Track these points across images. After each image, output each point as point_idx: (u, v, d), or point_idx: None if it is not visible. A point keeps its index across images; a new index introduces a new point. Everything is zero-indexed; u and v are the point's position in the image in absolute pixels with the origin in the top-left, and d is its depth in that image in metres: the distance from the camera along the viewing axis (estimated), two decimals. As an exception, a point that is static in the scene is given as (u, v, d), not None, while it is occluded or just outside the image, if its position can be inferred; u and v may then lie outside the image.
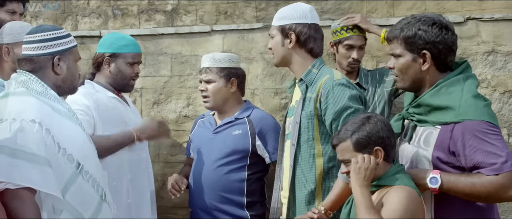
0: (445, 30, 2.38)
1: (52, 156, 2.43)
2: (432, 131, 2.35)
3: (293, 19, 2.90)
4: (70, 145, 2.51)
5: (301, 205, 2.83)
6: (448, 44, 2.38)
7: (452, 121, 2.29)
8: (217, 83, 3.40)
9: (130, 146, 3.22)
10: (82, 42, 4.24)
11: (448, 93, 2.35)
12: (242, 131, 3.35)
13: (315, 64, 2.90)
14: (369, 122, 2.32)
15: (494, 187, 2.24)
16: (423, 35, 2.36)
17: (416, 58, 2.39)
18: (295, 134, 2.84)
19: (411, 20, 2.41)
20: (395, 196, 2.22)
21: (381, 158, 2.31)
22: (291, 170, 2.85)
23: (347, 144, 2.32)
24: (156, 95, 4.12)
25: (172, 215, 4.04)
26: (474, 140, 2.25)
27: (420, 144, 2.39)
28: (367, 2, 4.01)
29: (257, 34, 3.96)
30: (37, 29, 2.63)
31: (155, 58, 4.12)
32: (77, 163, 2.51)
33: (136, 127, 3.26)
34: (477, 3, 3.84)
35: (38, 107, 2.46)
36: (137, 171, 3.40)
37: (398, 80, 2.48)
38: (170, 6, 4.32)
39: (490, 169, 2.24)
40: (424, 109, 2.40)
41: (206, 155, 3.39)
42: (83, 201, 2.53)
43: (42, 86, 2.56)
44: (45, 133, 2.42)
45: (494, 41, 3.61)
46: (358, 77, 3.57)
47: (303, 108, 2.83)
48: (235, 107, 3.46)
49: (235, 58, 3.50)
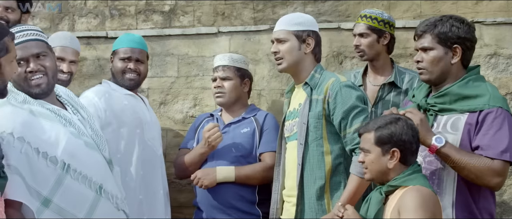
0: (471, 29, 2.64)
1: (30, 162, 2.45)
2: (460, 117, 2.58)
3: (308, 26, 3.08)
4: (52, 147, 2.52)
5: (311, 200, 2.95)
6: (473, 42, 2.66)
7: (481, 108, 2.53)
8: (234, 81, 3.54)
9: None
10: (88, 43, 4.28)
11: (475, 86, 2.59)
12: (250, 129, 3.47)
13: (317, 69, 3.07)
14: (397, 123, 2.42)
15: (485, 169, 2.47)
16: (456, 31, 2.60)
17: (448, 52, 2.62)
18: (302, 134, 2.97)
19: (443, 18, 2.65)
20: (411, 197, 2.30)
21: (396, 160, 2.40)
22: (299, 168, 2.97)
23: (370, 136, 2.45)
24: (163, 96, 4.17)
25: (178, 214, 4.08)
26: (491, 124, 2.49)
27: (447, 129, 2.59)
28: (363, 4, 4.09)
29: (264, 35, 4.02)
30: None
31: (162, 59, 4.17)
32: (62, 164, 2.53)
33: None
34: (471, 6, 3.94)
35: (12, 116, 2.48)
36: (150, 168, 3.45)
37: (424, 73, 2.67)
38: (168, 6, 4.37)
39: (488, 152, 2.47)
40: (450, 99, 2.61)
41: (216, 153, 3.46)
42: (74, 200, 2.54)
43: (20, 95, 2.57)
44: (17, 142, 2.44)
45: (496, 44, 3.69)
46: (393, 76, 3.47)
47: (310, 109, 2.97)
48: (242, 108, 3.60)
49: (248, 61, 3.69)
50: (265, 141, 3.42)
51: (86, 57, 4.27)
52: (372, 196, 2.51)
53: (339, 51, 3.95)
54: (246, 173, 3.37)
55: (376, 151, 2.43)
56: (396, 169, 2.42)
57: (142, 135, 3.43)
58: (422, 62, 2.66)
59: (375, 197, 2.48)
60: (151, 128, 3.51)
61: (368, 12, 3.51)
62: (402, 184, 2.39)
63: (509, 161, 2.52)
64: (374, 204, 2.47)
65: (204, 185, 3.35)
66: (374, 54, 3.48)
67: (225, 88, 3.53)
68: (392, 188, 2.42)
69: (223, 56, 3.63)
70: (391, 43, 3.52)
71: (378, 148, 2.42)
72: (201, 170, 3.41)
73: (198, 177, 3.37)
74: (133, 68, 3.47)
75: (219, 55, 3.66)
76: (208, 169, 3.40)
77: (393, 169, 2.42)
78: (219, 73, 3.56)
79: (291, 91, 3.20)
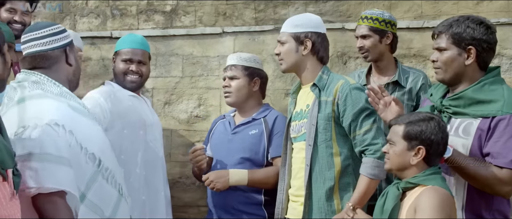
0: (490, 30, 2.60)
1: (74, 156, 2.44)
2: (472, 122, 2.56)
3: (308, 27, 3.07)
4: (91, 143, 2.52)
5: (320, 201, 2.97)
6: (491, 44, 2.61)
7: (494, 114, 2.50)
8: (240, 80, 3.50)
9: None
10: (93, 43, 4.28)
11: (491, 90, 2.57)
12: (258, 131, 3.44)
13: (324, 70, 3.07)
14: (429, 122, 2.44)
15: (493, 178, 2.45)
16: (471, 32, 2.58)
17: (462, 53, 2.60)
18: (311, 136, 2.99)
19: (460, 18, 2.63)
20: (428, 197, 2.33)
21: (420, 157, 2.43)
22: (307, 169, 2.99)
23: (399, 128, 2.48)
24: (167, 96, 4.18)
25: (182, 214, 4.10)
26: (503, 132, 2.47)
27: (458, 133, 2.58)
28: (364, 5, 4.11)
29: (268, 36, 4.04)
30: (38, 26, 2.60)
31: (167, 59, 4.18)
32: (99, 161, 2.53)
33: None
34: (472, 6, 3.97)
35: (57, 109, 2.45)
36: (152, 169, 3.45)
37: (439, 72, 2.66)
38: (169, 6, 4.38)
39: (498, 161, 2.45)
40: (464, 102, 2.59)
41: (225, 154, 3.47)
42: (103, 198, 2.55)
43: (56, 86, 2.55)
44: (68, 135, 2.42)
45: (499, 45, 3.67)
46: (397, 75, 3.51)
47: (319, 110, 2.98)
48: (255, 108, 3.55)
49: (260, 60, 3.62)
50: (277, 145, 3.39)
51: (90, 57, 4.27)
52: (389, 191, 2.53)
53: (343, 51, 3.97)
54: (259, 178, 3.36)
55: (402, 144, 2.46)
56: (418, 167, 2.44)
57: (145, 136, 3.43)
58: (437, 61, 2.66)
59: (392, 192, 2.50)
60: (154, 130, 3.51)
61: (368, 13, 3.53)
62: (421, 182, 2.41)
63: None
64: (391, 199, 2.48)
65: (217, 188, 3.34)
66: (378, 54, 3.51)
67: (231, 88, 3.51)
68: (410, 185, 2.44)
69: (232, 55, 3.61)
70: (394, 42, 3.54)
71: (404, 142, 2.45)
72: (214, 172, 3.39)
73: (211, 179, 3.36)
74: (135, 70, 3.45)
75: (230, 55, 3.64)
76: (221, 171, 3.38)
77: (415, 166, 2.44)
78: (227, 72, 3.54)
79: (297, 91, 3.21)
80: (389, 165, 2.52)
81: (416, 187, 2.43)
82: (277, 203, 3.21)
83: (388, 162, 2.52)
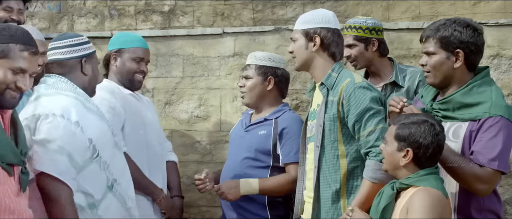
0: (477, 32, 2.61)
1: (78, 149, 2.57)
2: (461, 125, 2.59)
3: (318, 23, 2.98)
4: (99, 142, 2.65)
5: (327, 204, 2.92)
6: (478, 46, 2.63)
7: (481, 116, 2.53)
8: (253, 80, 3.46)
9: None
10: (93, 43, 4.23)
11: (479, 93, 2.59)
12: (266, 132, 3.40)
13: (335, 68, 2.97)
14: (420, 125, 2.44)
15: (472, 175, 2.49)
16: (458, 36, 2.59)
17: (450, 56, 2.62)
18: (318, 137, 2.93)
19: (446, 22, 2.64)
20: (419, 197, 2.35)
21: (409, 159, 2.44)
22: (315, 171, 2.94)
23: (393, 128, 2.51)
24: (168, 96, 4.19)
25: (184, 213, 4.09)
26: (486, 131, 2.51)
27: (449, 136, 2.59)
28: (362, 5, 4.13)
29: (268, 36, 4.05)
30: (63, 36, 2.84)
31: (167, 59, 4.19)
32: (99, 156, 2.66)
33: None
34: (470, 7, 4.00)
35: (67, 104, 2.62)
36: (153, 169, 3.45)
37: (429, 76, 2.68)
38: (167, 7, 4.39)
39: (478, 159, 2.50)
40: (452, 106, 2.62)
41: (236, 152, 3.48)
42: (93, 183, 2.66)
43: (71, 85, 2.73)
44: (74, 126, 2.57)
45: (499, 46, 3.77)
46: (394, 76, 3.52)
47: (326, 111, 2.92)
48: (271, 107, 3.50)
49: (278, 59, 3.53)
50: (289, 151, 3.34)
51: (90, 57, 4.26)
52: (385, 190, 2.55)
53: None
54: (270, 187, 3.32)
55: (394, 145, 2.48)
56: (408, 169, 2.46)
57: (145, 136, 3.42)
58: (426, 65, 2.67)
59: (387, 191, 2.52)
60: (153, 129, 3.51)
61: (352, 22, 3.52)
62: (413, 183, 2.43)
63: (499, 170, 2.51)
64: (385, 198, 2.50)
65: (228, 199, 3.33)
66: (366, 61, 3.52)
67: (245, 88, 3.48)
68: (404, 185, 2.46)
69: (249, 54, 3.56)
70: (381, 47, 3.53)
71: (395, 143, 2.47)
72: (225, 183, 3.37)
73: (222, 191, 3.33)
74: (145, 70, 3.46)
75: (249, 54, 3.59)
76: (231, 182, 3.35)
77: (405, 167, 2.46)
78: (243, 72, 3.52)
79: (313, 89, 3.13)
80: (384, 165, 2.56)
81: (409, 188, 2.45)
82: (295, 203, 3.18)
83: (384, 161, 2.55)
